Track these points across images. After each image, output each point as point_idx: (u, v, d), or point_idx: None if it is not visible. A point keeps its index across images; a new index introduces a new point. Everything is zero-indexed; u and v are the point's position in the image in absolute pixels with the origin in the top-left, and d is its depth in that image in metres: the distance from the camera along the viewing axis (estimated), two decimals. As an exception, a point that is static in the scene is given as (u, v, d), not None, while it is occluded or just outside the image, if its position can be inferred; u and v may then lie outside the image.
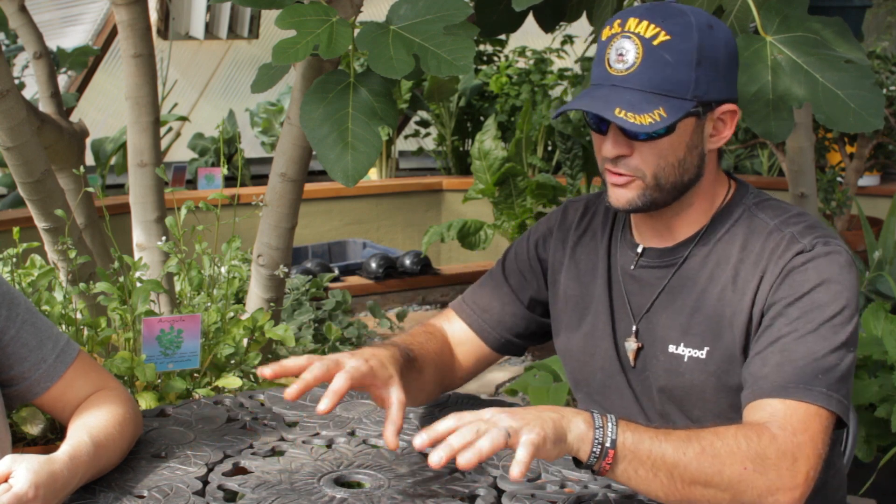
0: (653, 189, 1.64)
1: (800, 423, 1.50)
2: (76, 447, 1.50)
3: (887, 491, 3.02)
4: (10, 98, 2.54)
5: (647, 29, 1.59)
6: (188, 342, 2.32)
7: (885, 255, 4.03)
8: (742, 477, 1.45)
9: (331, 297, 4.11)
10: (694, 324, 1.68)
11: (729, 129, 1.66)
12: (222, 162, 2.76)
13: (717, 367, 1.65)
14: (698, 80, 1.59)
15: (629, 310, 1.76)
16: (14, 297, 1.63)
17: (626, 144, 1.63)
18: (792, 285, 1.59)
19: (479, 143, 5.56)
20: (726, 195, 1.73)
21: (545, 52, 7.63)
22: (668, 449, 1.44)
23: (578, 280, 1.83)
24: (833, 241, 1.63)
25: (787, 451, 1.47)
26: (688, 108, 1.59)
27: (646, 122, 1.56)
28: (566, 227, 1.88)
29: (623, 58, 1.60)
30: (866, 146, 5.30)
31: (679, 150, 1.63)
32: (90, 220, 3.22)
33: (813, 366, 1.54)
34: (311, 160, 2.75)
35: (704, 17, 1.62)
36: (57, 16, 6.69)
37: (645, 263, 1.75)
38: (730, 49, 1.63)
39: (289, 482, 1.55)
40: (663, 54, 1.58)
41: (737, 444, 1.46)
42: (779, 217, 1.68)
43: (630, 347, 1.75)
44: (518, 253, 1.92)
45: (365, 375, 1.55)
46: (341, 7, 2.30)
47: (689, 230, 1.72)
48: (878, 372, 3.03)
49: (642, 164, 1.63)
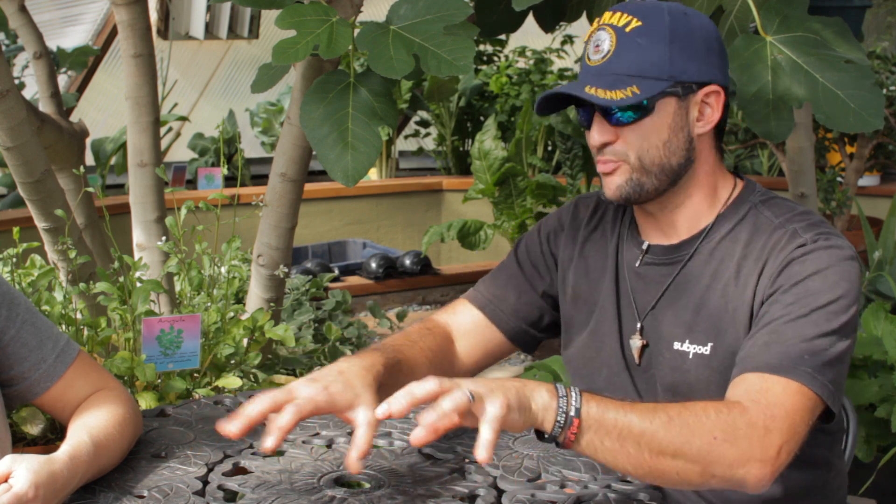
0: (639, 172, 1.66)
1: (775, 397, 1.48)
2: (76, 447, 1.50)
3: (887, 491, 3.02)
4: (10, 98, 2.54)
5: (621, 19, 1.64)
6: (188, 342, 2.32)
7: (885, 255, 4.03)
8: (711, 447, 1.42)
9: (331, 297, 4.10)
10: (698, 321, 1.68)
11: (716, 112, 1.67)
12: (222, 162, 2.76)
13: (721, 363, 1.65)
14: (672, 59, 1.61)
15: (634, 307, 1.76)
16: (14, 297, 1.63)
17: (610, 131, 1.65)
18: (789, 275, 1.60)
19: (479, 143, 5.56)
20: (732, 193, 1.73)
21: (545, 52, 7.64)
22: (635, 418, 1.42)
23: (587, 277, 1.83)
24: (835, 237, 1.63)
25: (757, 423, 1.45)
26: (662, 87, 1.61)
27: (616, 97, 1.59)
28: (577, 223, 1.88)
29: (599, 48, 1.65)
30: (866, 146, 5.30)
31: (662, 131, 1.64)
32: (90, 220, 3.22)
33: (799, 347, 1.53)
34: (311, 160, 2.75)
35: (682, 7, 1.66)
36: (57, 16, 6.69)
37: (650, 261, 1.76)
38: (707, 34, 1.65)
39: (289, 482, 1.55)
40: (636, 39, 1.62)
41: (706, 416, 1.44)
42: (784, 215, 1.68)
43: (635, 345, 1.75)
44: (530, 245, 1.92)
45: (319, 405, 1.47)
46: (341, 7, 2.30)
47: (694, 227, 1.73)
48: (878, 372, 3.03)
49: (626, 148, 1.65)
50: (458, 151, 7.83)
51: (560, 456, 1.67)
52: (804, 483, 1.71)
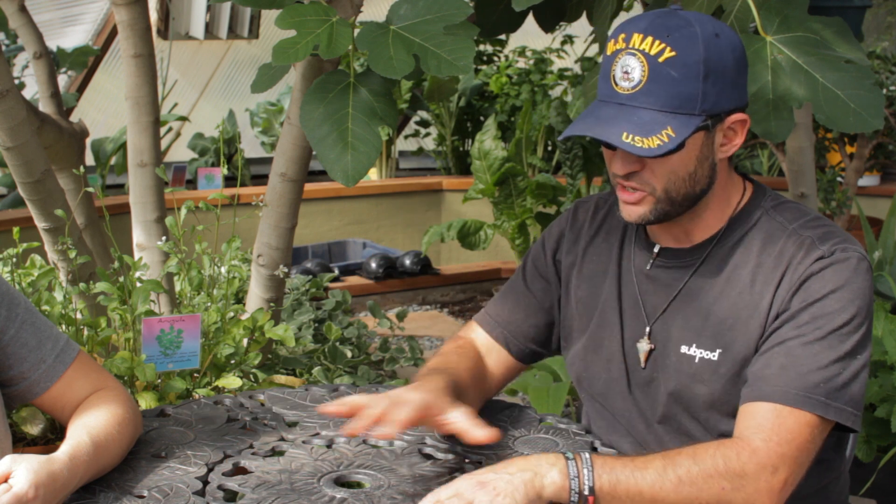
0: (664, 203, 1.64)
1: (788, 433, 1.51)
2: (76, 447, 1.50)
3: (887, 491, 3.02)
4: (10, 98, 2.54)
5: (653, 45, 1.56)
6: (188, 342, 2.32)
7: (885, 255, 4.03)
8: (720, 497, 1.48)
9: (331, 297, 4.10)
10: (708, 326, 1.67)
11: (740, 138, 1.65)
12: (222, 162, 2.76)
13: (728, 370, 1.65)
14: (706, 94, 1.57)
15: (643, 310, 1.75)
16: (14, 297, 1.63)
17: (636, 161, 1.61)
18: (807, 290, 1.60)
19: (479, 143, 5.56)
20: (742, 197, 1.72)
21: (545, 52, 7.64)
22: (646, 484, 1.47)
23: (590, 281, 1.83)
24: (851, 246, 1.62)
25: (767, 464, 1.49)
26: (697, 124, 1.57)
27: (654, 145, 1.54)
28: (577, 228, 1.87)
29: (629, 76, 1.58)
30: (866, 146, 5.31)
31: (689, 163, 1.61)
32: (90, 220, 3.22)
33: (815, 374, 1.54)
34: (311, 160, 2.75)
35: (710, 25, 1.59)
36: (57, 16, 6.69)
37: (661, 264, 1.74)
38: (737, 55, 1.60)
39: (289, 482, 1.55)
40: (669, 71, 1.56)
41: (714, 466, 1.48)
42: (797, 220, 1.67)
43: (642, 349, 1.74)
44: (536, 260, 1.91)
45: (430, 407, 1.60)
46: (341, 7, 2.30)
47: (706, 233, 1.71)
48: (878, 372, 3.03)
49: (653, 179, 1.62)
50: (458, 151, 7.83)
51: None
52: (807, 485, 1.70)
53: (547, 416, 1.86)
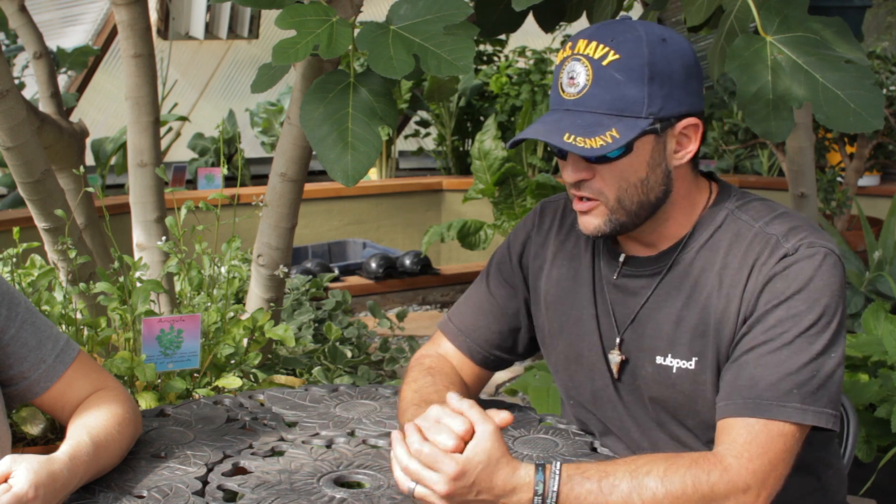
0: (617, 212, 1.61)
1: (759, 447, 1.50)
2: (76, 447, 1.50)
3: (887, 491, 3.02)
4: (10, 98, 2.54)
5: (597, 49, 1.56)
6: (188, 342, 2.32)
7: (885, 255, 4.03)
8: None
9: (331, 297, 4.11)
10: (680, 334, 1.65)
11: (694, 144, 1.62)
12: (222, 162, 2.76)
13: (709, 377, 1.63)
14: (652, 97, 1.55)
15: (613, 321, 1.72)
16: (14, 296, 1.63)
17: (585, 168, 1.60)
18: (772, 291, 1.57)
19: (479, 143, 5.56)
20: (708, 200, 1.69)
21: (545, 52, 7.64)
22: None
23: (560, 286, 1.79)
24: (818, 241, 1.59)
25: (738, 482, 1.48)
26: (643, 127, 1.55)
27: (596, 146, 1.53)
28: (544, 230, 1.84)
29: (574, 81, 1.57)
30: (866, 146, 5.31)
31: (640, 169, 1.59)
32: (90, 220, 3.22)
33: (786, 381, 1.52)
34: (311, 160, 2.75)
35: (658, 30, 1.58)
36: (57, 16, 6.69)
37: (628, 273, 1.71)
38: (686, 61, 1.58)
39: (288, 482, 1.55)
40: (613, 73, 1.55)
41: (682, 488, 1.47)
42: (763, 218, 1.64)
43: (613, 360, 1.72)
44: (501, 265, 1.87)
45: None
46: (341, 7, 2.30)
47: (671, 240, 1.68)
48: (878, 372, 3.03)
49: (604, 187, 1.60)
50: (458, 151, 7.83)
51: (560, 456, 1.67)
52: (801, 486, 1.70)
53: (547, 416, 1.86)
